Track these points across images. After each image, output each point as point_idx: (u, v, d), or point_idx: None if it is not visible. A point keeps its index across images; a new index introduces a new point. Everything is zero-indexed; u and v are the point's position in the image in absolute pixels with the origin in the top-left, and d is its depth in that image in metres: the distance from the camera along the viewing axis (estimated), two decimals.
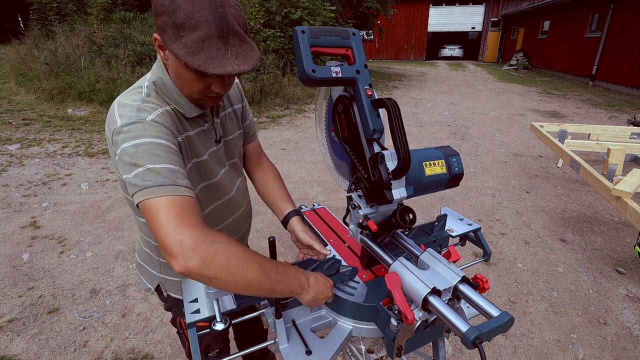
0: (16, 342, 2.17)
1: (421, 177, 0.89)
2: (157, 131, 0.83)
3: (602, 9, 12.33)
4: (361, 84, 0.86)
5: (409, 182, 0.87)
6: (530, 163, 5.31)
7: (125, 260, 2.96)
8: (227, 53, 0.79)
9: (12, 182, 4.26)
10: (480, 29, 23.60)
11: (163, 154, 0.80)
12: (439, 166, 0.91)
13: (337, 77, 0.85)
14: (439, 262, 0.85)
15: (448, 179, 0.92)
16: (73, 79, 8.10)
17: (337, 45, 0.87)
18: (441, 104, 9.49)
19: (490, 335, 0.67)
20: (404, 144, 0.78)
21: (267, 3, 10.18)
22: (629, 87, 10.78)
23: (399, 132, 0.78)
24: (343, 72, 0.85)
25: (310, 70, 0.82)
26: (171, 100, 0.92)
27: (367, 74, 0.88)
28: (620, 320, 2.41)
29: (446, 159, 0.93)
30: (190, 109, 0.95)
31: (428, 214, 3.80)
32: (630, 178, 2.93)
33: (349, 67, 0.87)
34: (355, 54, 0.89)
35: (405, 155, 0.78)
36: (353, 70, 0.86)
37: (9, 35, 14.12)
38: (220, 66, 0.78)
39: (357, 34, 0.90)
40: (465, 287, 0.78)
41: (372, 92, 0.87)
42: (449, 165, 0.92)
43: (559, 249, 3.22)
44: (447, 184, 0.93)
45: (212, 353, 1.33)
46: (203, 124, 1.02)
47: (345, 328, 0.98)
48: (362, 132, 0.88)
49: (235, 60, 0.79)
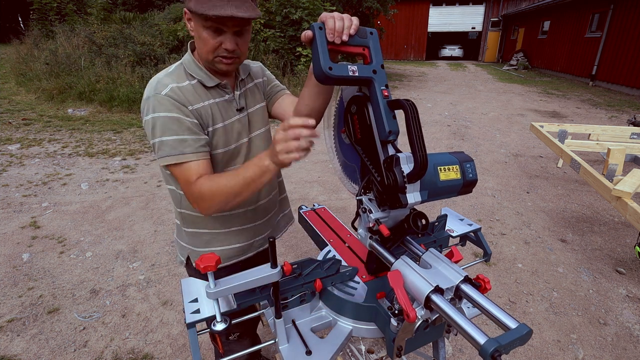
0: (16, 342, 2.17)
1: (436, 181, 0.87)
2: (169, 105, 1.03)
3: (602, 9, 12.33)
4: (377, 84, 0.84)
5: (424, 187, 0.85)
6: (530, 163, 5.31)
7: (125, 260, 2.96)
8: (229, 3, 0.96)
9: (12, 182, 4.26)
10: (480, 29, 23.60)
11: (174, 127, 1.03)
12: (453, 171, 0.89)
13: (354, 75, 0.83)
14: (442, 262, 0.84)
15: (462, 184, 0.90)
16: (73, 79, 8.10)
17: (354, 44, 0.86)
18: (441, 104, 9.49)
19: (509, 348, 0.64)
20: (422, 147, 0.76)
21: (267, 3, 10.18)
22: (629, 87, 10.78)
23: (416, 135, 0.76)
24: (360, 71, 0.84)
25: (327, 68, 0.80)
26: (194, 74, 1.11)
27: (383, 75, 0.86)
28: (620, 321, 2.41)
29: (460, 164, 0.91)
30: (209, 80, 1.12)
31: (428, 214, 3.79)
32: (630, 178, 2.92)
33: (365, 66, 0.85)
34: (372, 54, 0.87)
35: (422, 159, 0.76)
36: (370, 69, 0.85)
37: (9, 35, 14.13)
38: (220, 9, 0.94)
39: (374, 34, 0.88)
40: (468, 288, 0.78)
41: (388, 93, 0.85)
42: (463, 171, 0.90)
43: (559, 249, 3.21)
44: (460, 190, 0.91)
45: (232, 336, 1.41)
46: (224, 94, 1.16)
47: (345, 328, 0.98)
48: (377, 134, 0.85)
49: (235, 8, 0.95)
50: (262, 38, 9.89)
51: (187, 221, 1.26)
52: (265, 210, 1.33)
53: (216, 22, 0.99)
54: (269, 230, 1.38)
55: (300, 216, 1.61)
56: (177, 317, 2.38)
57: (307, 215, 1.55)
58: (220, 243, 1.27)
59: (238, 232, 1.28)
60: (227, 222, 1.25)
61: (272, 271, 0.85)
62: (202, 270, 0.79)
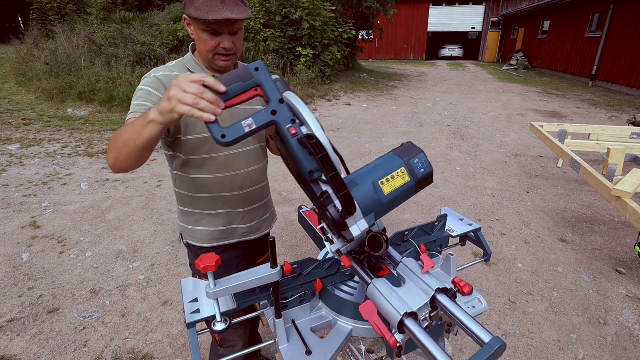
0: (16, 342, 2.17)
1: (380, 199, 0.79)
2: (152, 83, 1.16)
3: (602, 9, 12.33)
4: (282, 124, 0.76)
5: (367, 211, 0.78)
6: (530, 163, 5.31)
7: (125, 260, 2.96)
8: (223, 7, 1.06)
9: (12, 182, 4.26)
10: (480, 29, 23.60)
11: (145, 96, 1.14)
12: (399, 177, 0.80)
13: (252, 129, 0.75)
14: (414, 275, 0.80)
15: (415, 185, 0.81)
16: (73, 79, 8.10)
17: (244, 90, 0.77)
18: (441, 104, 9.49)
19: None
20: (340, 186, 0.71)
21: (267, 3, 10.18)
22: (629, 87, 10.78)
23: (329, 176, 0.71)
24: (257, 122, 0.76)
25: (220, 137, 0.74)
26: (191, 68, 1.23)
27: (285, 110, 0.77)
28: (620, 321, 2.41)
29: (406, 164, 0.81)
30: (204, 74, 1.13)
31: (428, 214, 3.80)
32: (630, 178, 2.93)
33: (262, 111, 0.76)
34: (266, 91, 0.77)
35: (344, 199, 0.71)
36: (268, 112, 0.76)
37: (9, 35, 14.11)
38: (217, 13, 1.05)
39: (260, 68, 0.77)
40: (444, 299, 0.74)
41: (297, 130, 0.76)
42: (411, 170, 0.81)
43: (559, 249, 3.21)
44: (416, 190, 0.83)
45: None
46: None
47: (345, 328, 0.98)
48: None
49: (229, 12, 1.06)
50: (262, 38, 9.89)
51: (180, 200, 1.39)
52: (248, 200, 1.39)
53: (214, 25, 1.09)
54: (253, 222, 1.44)
55: (300, 216, 1.61)
56: (177, 317, 2.38)
57: (307, 215, 1.55)
58: (207, 223, 1.37)
59: (224, 215, 1.37)
60: (214, 204, 1.34)
61: (272, 271, 0.85)
62: (202, 270, 0.79)
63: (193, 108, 0.74)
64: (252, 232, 1.45)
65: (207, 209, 1.35)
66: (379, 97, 10.15)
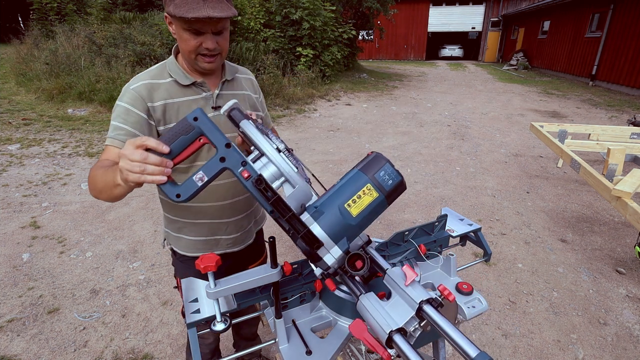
0: (16, 342, 2.17)
1: (349, 223, 0.77)
2: (130, 98, 1.12)
3: (602, 9, 12.33)
4: (234, 169, 0.76)
5: (338, 238, 0.76)
6: (530, 163, 5.31)
7: (125, 260, 2.96)
8: (205, 4, 1.00)
9: (12, 182, 4.26)
10: (480, 29, 23.60)
11: (123, 116, 1.11)
12: (366, 195, 0.78)
13: (205, 182, 0.75)
14: (398, 287, 0.78)
15: (385, 198, 0.79)
16: (73, 79, 8.10)
17: (188, 143, 0.76)
18: (441, 104, 9.49)
19: None
20: (298, 228, 0.71)
21: (267, 3, 10.18)
22: (629, 87, 10.78)
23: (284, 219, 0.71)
24: (208, 172, 0.75)
25: (175, 197, 0.75)
26: (172, 72, 1.18)
27: (234, 154, 0.76)
28: (620, 321, 2.41)
29: (372, 180, 0.79)
30: (184, 78, 1.18)
31: (428, 214, 3.80)
32: (630, 178, 2.92)
33: (211, 160, 0.76)
34: (210, 139, 0.76)
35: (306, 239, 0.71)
36: (217, 160, 0.75)
37: (9, 35, 14.09)
38: (197, 11, 0.99)
39: (199, 117, 0.76)
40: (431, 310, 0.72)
41: (249, 171, 0.76)
42: (378, 185, 0.79)
43: (559, 249, 3.21)
44: (388, 203, 0.80)
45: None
46: (200, 92, 1.21)
47: (346, 328, 0.98)
48: None
49: (211, 10, 1.00)
50: (262, 38, 9.89)
51: (164, 206, 1.37)
52: (233, 210, 1.33)
53: (195, 24, 1.03)
54: (238, 234, 1.38)
55: None
56: (177, 317, 2.38)
57: None
58: (189, 232, 1.33)
59: (207, 225, 1.31)
60: (196, 213, 1.29)
61: (272, 271, 0.85)
62: (202, 270, 0.79)
63: (142, 175, 0.74)
64: (237, 243, 1.40)
65: (189, 217, 1.30)
66: (379, 97, 10.15)
